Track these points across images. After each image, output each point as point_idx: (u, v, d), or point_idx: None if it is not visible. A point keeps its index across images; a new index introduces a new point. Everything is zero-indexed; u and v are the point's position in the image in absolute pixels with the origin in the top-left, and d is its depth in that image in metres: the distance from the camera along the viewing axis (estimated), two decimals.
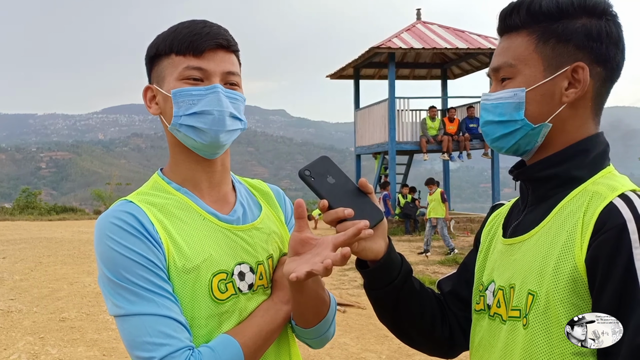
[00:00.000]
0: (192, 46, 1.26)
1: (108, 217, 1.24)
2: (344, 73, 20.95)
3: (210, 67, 1.27)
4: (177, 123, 1.27)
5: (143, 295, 1.18)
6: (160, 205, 1.29)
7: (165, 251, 1.23)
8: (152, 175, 1.40)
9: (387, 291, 1.29)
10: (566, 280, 1.05)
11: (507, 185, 32.39)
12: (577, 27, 1.14)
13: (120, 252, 1.20)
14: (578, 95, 1.15)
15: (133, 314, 1.18)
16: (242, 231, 1.35)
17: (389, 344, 6.13)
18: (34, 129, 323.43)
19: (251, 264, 1.33)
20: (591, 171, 1.16)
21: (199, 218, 1.31)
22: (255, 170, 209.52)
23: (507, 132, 1.20)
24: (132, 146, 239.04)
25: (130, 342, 1.18)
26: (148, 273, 1.19)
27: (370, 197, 1.23)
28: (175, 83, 1.27)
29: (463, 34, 18.73)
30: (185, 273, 1.24)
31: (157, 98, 1.33)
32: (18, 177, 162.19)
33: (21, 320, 7.10)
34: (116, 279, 1.20)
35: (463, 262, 1.44)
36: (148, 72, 1.36)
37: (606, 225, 1.02)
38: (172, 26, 1.33)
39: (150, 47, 1.34)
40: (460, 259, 11.97)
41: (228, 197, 1.39)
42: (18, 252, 12.88)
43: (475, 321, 1.31)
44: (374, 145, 19.29)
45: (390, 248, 1.27)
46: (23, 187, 32.01)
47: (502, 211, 1.38)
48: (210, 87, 1.26)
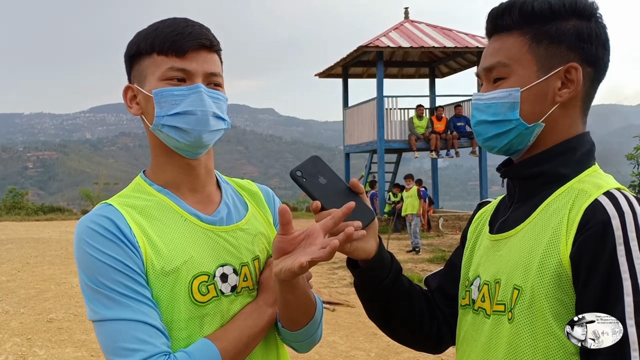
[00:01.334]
0: (174, 46, 1.24)
1: (86, 222, 1.23)
2: (332, 72, 20.96)
3: (192, 67, 1.25)
4: (160, 123, 1.26)
5: (119, 301, 1.17)
6: (140, 208, 1.28)
7: (142, 255, 1.21)
8: (135, 177, 1.38)
9: (377, 290, 1.30)
10: (551, 275, 1.07)
11: (495, 183, 32.64)
12: (569, 29, 1.16)
13: (96, 257, 1.19)
14: (571, 95, 1.17)
15: (108, 319, 1.17)
16: (225, 232, 1.33)
17: (378, 341, 6.15)
18: (20, 129, 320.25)
19: (234, 266, 1.31)
20: (577, 169, 1.17)
21: (180, 219, 1.29)
22: (244, 169, 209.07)
23: (500, 131, 1.21)
24: (120, 145, 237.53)
25: (106, 347, 1.18)
26: (124, 278, 1.18)
27: (361, 197, 1.24)
28: (157, 83, 1.26)
29: (451, 32, 18.82)
30: (164, 275, 1.22)
31: (138, 98, 1.31)
32: (4, 177, 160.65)
33: (8, 321, 7.04)
34: (93, 284, 1.19)
35: (450, 259, 1.46)
36: (128, 71, 1.33)
37: (591, 222, 1.04)
38: (152, 24, 1.31)
39: (131, 45, 1.31)
40: (447, 255, 11.97)
41: (212, 197, 1.37)
42: (5, 252, 12.78)
43: (461, 316, 1.33)
44: (362, 143, 19.33)
45: (380, 247, 1.28)
46: (10, 187, 31.66)
47: (488, 208, 1.39)
48: (192, 87, 1.25)
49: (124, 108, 1.36)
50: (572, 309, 1.06)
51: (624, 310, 0.98)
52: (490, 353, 1.18)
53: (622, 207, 1.04)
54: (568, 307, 1.06)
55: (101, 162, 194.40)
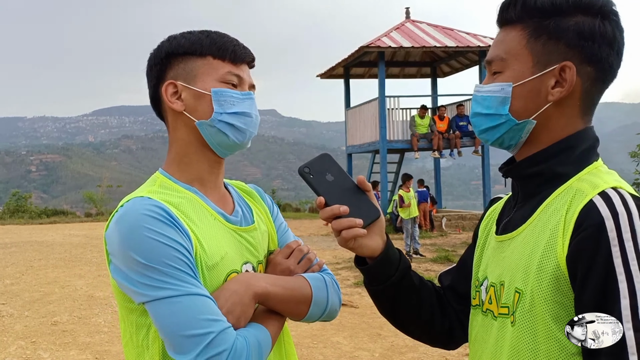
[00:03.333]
0: (233, 54, 1.35)
1: (140, 210, 1.22)
2: (334, 72, 20.96)
3: (244, 76, 1.37)
4: (217, 119, 1.33)
5: (186, 279, 1.19)
6: (175, 204, 1.29)
7: (193, 245, 1.25)
8: (153, 175, 1.39)
9: (386, 287, 1.30)
10: (549, 278, 1.06)
11: (498, 182, 32.50)
12: (570, 25, 1.12)
13: (159, 241, 1.19)
14: (563, 95, 1.14)
15: (181, 295, 1.17)
16: (245, 232, 1.40)
17: (382, 342, 6.15)
18: (23, 132, 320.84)
19: (254, 264, 1.39)
20: (577, 167, 1.15)
21: (210, 217, 1.34)
22: (247, 170, 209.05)
23: (492, 125, 1.21)
24: (122, 148, 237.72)
25: (179, 323, 1.16)
26: (187, 260, 1.21)
27: (368, 194, 1.26)
28: (214, 83, 1.34)
29: (452, 32, 18.79)
30: (207, 270, 1.26)
31: (183, 95, 1.35)
32: (8, 180, 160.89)
33: (12, 324, 7.05)
34: (157, 265, 1.18)
35: (462, 257, 1.45)
36: (162, 69, 1.36)
37: (584, 224, 1.02)
38: (195, 31, 1.38)
39: (174, 46, 1.35)
40: (451, 255, 12.02)
41: (227, 197, 1.45)
42: (8, 256, 12.80)
43: (472, 316, 1.33)
44: (365, 144, 19.31)
45: (388, 245, 1.28)
46: (13, 190, 31.67)
47: (498, 206, 1.38)
48: (246, 93, 1.37)
49: (127, 110, 1.39)
50: (572, 311, 1.04)
51: (621, 313, 0.96)
52: (497, 356, 1.18)
53: (617, 207, 1.01)
54: (568, 310, 1.04)
55: (104, 165, 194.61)
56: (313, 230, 18.37)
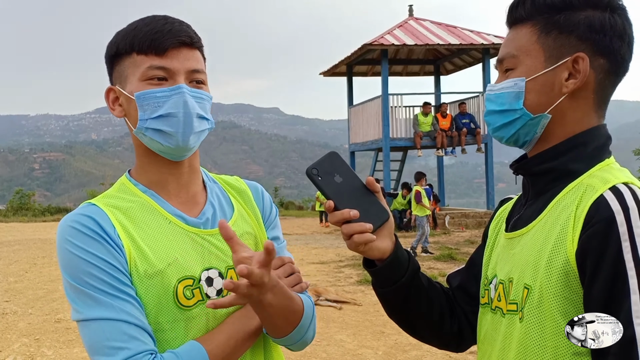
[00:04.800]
0: (154, 45, 1.21)
1: (67, 221, 1.21)
2: (337, 70, 20.95)
3: (174, 65, 1.22)
4: (143, 127, 1.23)
5: (102, 300, 1.14)
6: (124, 209, 1.25)
7: (126, 255, 1.19)
8: (120, 177, 1.36)
9: (394, 289, 1.28)
10: (558, 273, 1.05)
11: (501, 180, 32.45)
12: (580, 19, 1.13)
13: (79, 256, 1.16)
14: (577, 85, 1.14)
15: (92, 319, 1.14)
16: (210, 235, 1.29)
17: (385, 340, 6.15)
18: (26, 130, 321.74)
19: (220, 269, 1.28)
20: (588, 164, 1.15)
21: (165, 222, 1.26)
22: (249, 168, 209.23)
23: (506, 121, 1.20)
24: (125, 146, 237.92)
25: (90, 346, 1.15)
26: (108, 277, 1.16)
27: (377, 196, 1.23)
28: (138, 84, 1.22)
29: (455, 29, 18.76)
30: (148, 278, 1.20)
31: (120, 99, 1.28)
32: (11, 178, 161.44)
33: (16, 322, 7.07)
34: (76, 283, 1.16)
35: (471, 257, 1.44)
36: (109, 72, 1.30)
37: (595, 219, 1.02)
38: (131, 23, 1.28)
39: (110, 46, 1.28)
40: (454, 253, 12.01)
41: (197, 197, 1.34)
42: (12, 253, 12.84)
43: (481, 315, 1.32)
44: (368, 142, 19.30)
45: (397, 246, 1.26)
46: (16, 188, 31.85)
47: (508, 206, 1.38)
48: (174, 87, 1.21)
49: None
50: (580, 308, 1.03)
51: (631, 309, 0.95)
52: (505, 353, 1.17)
53: (627, 202, 1.00)
54: (577, 306, 1.04)
55: (107, 162, 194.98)
56: (316, 229, 18.39)
